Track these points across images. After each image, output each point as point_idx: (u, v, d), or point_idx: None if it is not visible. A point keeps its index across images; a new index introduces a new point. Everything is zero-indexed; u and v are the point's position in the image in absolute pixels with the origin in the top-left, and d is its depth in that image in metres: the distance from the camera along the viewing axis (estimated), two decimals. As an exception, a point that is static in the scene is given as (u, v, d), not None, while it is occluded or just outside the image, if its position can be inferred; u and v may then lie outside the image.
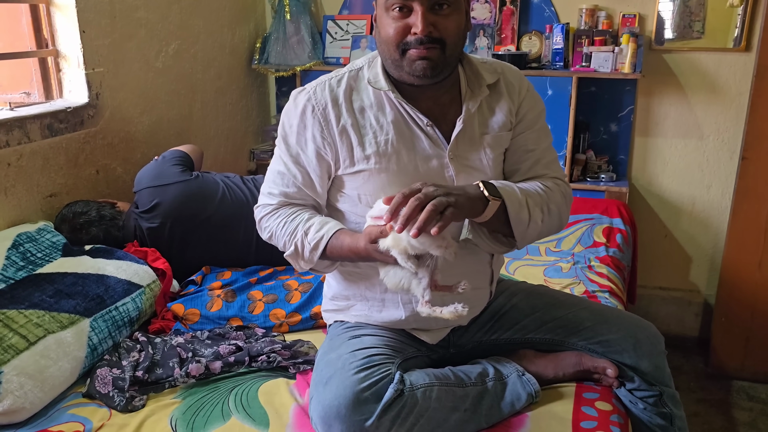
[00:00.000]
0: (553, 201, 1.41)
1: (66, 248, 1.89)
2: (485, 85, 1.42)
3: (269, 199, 1.45)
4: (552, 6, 2.87)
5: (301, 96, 1.40)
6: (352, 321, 1.52)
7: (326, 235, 1.35)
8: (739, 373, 2.77)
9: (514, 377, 1.44)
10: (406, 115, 1.38)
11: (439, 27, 1.29)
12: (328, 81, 1.41)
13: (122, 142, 2.39)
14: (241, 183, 2.15)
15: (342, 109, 1.38)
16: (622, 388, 1.48)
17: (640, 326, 1.51)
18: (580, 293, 2.01)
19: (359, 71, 1.42)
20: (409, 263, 1.22)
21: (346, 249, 1.33)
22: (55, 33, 2.20)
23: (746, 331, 2.73)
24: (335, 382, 1.28)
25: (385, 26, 1.32)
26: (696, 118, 2.86)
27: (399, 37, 1.30)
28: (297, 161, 1.41)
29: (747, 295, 2.70)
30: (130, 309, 1.80)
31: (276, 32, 3.08)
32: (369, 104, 1.38)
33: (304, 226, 1.38)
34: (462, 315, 1.24)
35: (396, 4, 1.29)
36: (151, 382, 1.59)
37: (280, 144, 1.44)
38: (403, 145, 1.37)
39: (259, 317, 1.87)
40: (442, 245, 1.19)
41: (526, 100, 1.47)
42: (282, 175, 1.42)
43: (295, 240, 1.38)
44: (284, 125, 1.43)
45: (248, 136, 3.22)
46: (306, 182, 1.41)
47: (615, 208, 2.64)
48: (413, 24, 1.28)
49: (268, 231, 1.45)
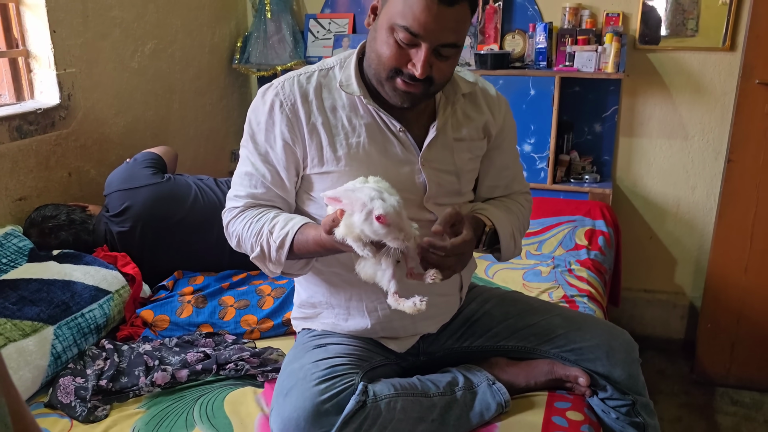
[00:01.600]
0: (527, 220, 1.52)
1: (32, 253, 1.85)
2: (460, 93, 1.40)
3: (236, 201, 1.38)
4: (535, 5, 2.84)
5: (269, 92, 1.35)
6: (319, 329, 1.49)
7: (291, 231, 1.26)
8: (725, 380, 2.72)
9: (484, 386, 1.41)
10: (378, 119, 1.34)
11: (435, 69, 1.24)
12: (297, 77, 1.36)
13: (96, 143, 2.35)
14: (215, 185, 2.11)
15: (312, 106, 1.33)
16: (595, 397, 1.45)
17: (613, 333, 1.48)
18: (559, 297, 1.99)
19: (330, 71, 1.38)
20: (366, 250, 1.11)
21: (312, 242, 1.24)
22: (26, 33, 2.16)
23: (732, 337, 2.69)
24: (295, 394, 1.24)
25: (383, 44, 1.24)
26: (681, 119, 2.83)
27: (394, 65, 1.24)
28: (266, 160, 1.35)
29: (733, 300, 2.66)
30: (97, 316, 1.76)
31: (257, 31, 3.04)
32: (341, 105, 1.34)
33: (269, 225, 1.30)
34: (421, 310, 1.13)
35: (403, 36, 1.20)
36: (115, 391, 1.56)
37: (247, 144, 1.38)
38: (375, 149, 1.34)
39: (230, 323, 1.83)
40: (398, 237, 1.09)
41: (507, 119, 1.49)
42: (250, 176, 1.36)
43: (261, 241, 1.30)
44: (251, 123, 1.37)
45: (229, 137, 3.18)
46: (275, 181, 1.35)
47: (598, 210, 2.61)
48: (413, 58, 1.22)
49: (235, 236, 1.37)
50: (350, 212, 1.10)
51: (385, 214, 1.07)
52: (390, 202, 1.09)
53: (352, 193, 1.11)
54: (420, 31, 1.18)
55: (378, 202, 1.08)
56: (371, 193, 1.09)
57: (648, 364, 2.84)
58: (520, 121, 2.62)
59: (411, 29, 1.19)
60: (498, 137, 1.47)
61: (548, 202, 2.70)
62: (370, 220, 1.08)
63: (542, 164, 2.78)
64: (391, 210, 1.08)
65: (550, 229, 2.49)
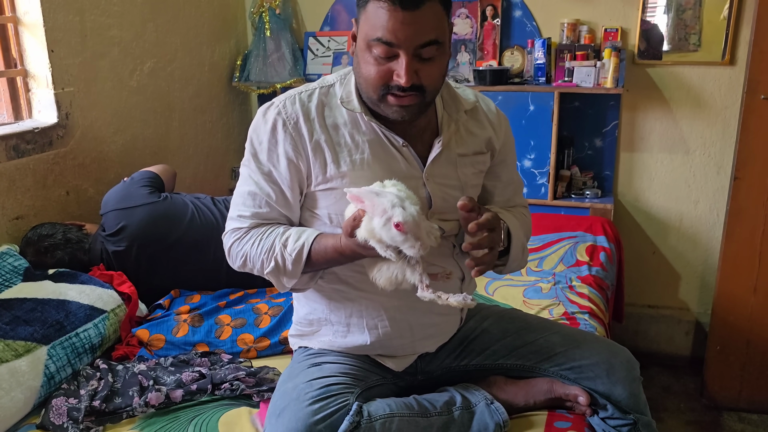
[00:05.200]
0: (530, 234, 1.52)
1: (28, 273, 1.83)
2: (462, 110, 1.39)
3: (240, 222, 1.36)
4: (534, 21, 2.84)
5: (271, 111, 1.34)
6: (316, 347, 1.46)
7: (307, 242, 1.27)
8: (735, 403, 2.64)
9: (483, 406, 1.38)
10: (381, 134, 1.33)
11: (421, 74, 1.22)
12: (298, 95, 1.35)
13: (94, 162, 2.34)
14: (212, 204, 2.10)
15: (315, 124, 1.32)
16: (596, 416, 1.42)
17: (613, 351, 1.45)
18: (560, 314, 1.96)
19: (330, 88, 1.37)
20: (388, 251, 1.15)
21: (331, 250, 1.25)
22: (24, 52, 2.16)
23: (742, 359, 2.61)
24: (288, 414, 1.22)
25: (365, 64, 1.24)
26: (681, 133, 2.81)
27: (381, 81, 1.23)
28: (270, 179, 1.34)
29: (742, 321, 2.59)
30: (92, 335, 1.74)
31: (257, 49, 3.05)
32: (343, 122, 1.33)
33: (281, 239, 1.29)
34: (471, 306, 1.19)
35: (380, 50, 1.20)
36: (108, 412, 1.53)
37: (249, 163, 1.37)
38: (379, 165, 1.32)
39: (226, 342, 1.81)
40: (414, 246, 1.12)
41: (508, 135, 1.50)
42: (253, 196, 1.35)
43: (274, 255, 1.29)
44: (253, 142, 1.36)
45: (229, 155, 3.18)
46: (280, 200, 1.34)
47: (599, 226, 2.59)
48: (396, 71, 1.21)
49: (241, 256, 1.35)
50: (370, 215, 1.14)
51: (403, 222, 1.10)
52: (410, 210, 1.12)
53: (375, 197, 1.13)
54: (392, 39, 1.18)
55: (398, 209, 1.11)
56: (393, 200, 1.12)
57: (653, 380, 2.80)
58: (520, 137, 2.62)
59: (384, 39, 1.19)
60: (501, 152, 1.47)
61: (549, 218, 2.68)
62: (389, 226, 1.11)
63: (543, 180, 2.76)
64: (410, 219, 1.11)
65: (551, 245, 2.47)
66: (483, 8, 2.85)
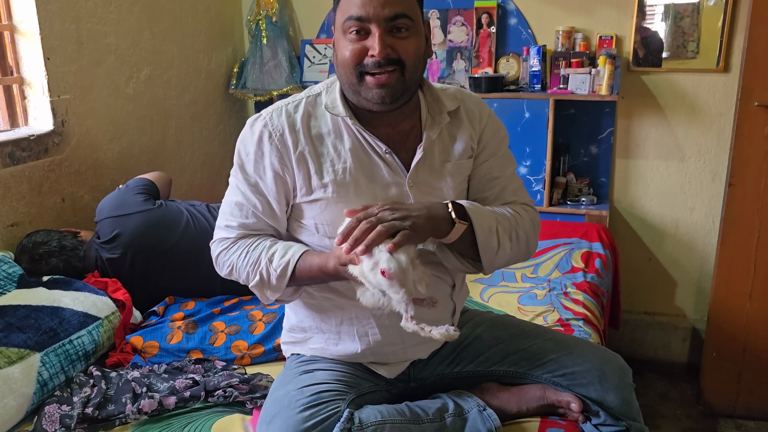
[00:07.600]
0: (522, 227, 1.39)
1: (22, 279, 1.83)
2: (446, 112, 1.39)
3: (227, 232, 1.38)
4: (529, 28, 2.85)
5: (258, 123, 1.36)
6: (308, 354, 1.47)
7: (292, 259, 1.29)
8: (732, 410, 2.64)
9: (475, 412, 1.38)
10: (364, 142, 1.34)
11: (397, 48, 1.26)
12: (285, 106, 1.37)
13: (90, 169, 2.35)
14: (207, 211, 2.10)
15: (300, 135, 1.33)
16: (588, 423, 1.42)
17: (606, 358, 1.45)
18: (554, 321, 1.96)
19: (317, 97, 1.38)
20: (376, 290, 1.17)
21: (316, 269, 1.27)
22: (20, 60, 2.17)
23: (738, 366, 2.61)
24: (278, 422, 1.22)
25: (342, 49, 1.28)
26: (677, 140, 2.82)
27: (356, 60, 1.26)
28: (256, 190, 1.36)
29: (738, 328, 2.58)
30: (86, 342, 1.74)
31: (253, 57, 3.06)
32: (327, 131, 1.35)
33: (267, 254, 1.32)
34: (454, 337, 1.18)
35: (353, 27, 1.25)
36: (101, 419, 1.53)
37: (236, 173, 1.39)
38: (362, 173, 1.33)
39: (220, 349, 1.81)
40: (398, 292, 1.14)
41: (488, 127, 1.44)
42: (240, 206, 1.37)
43: (260, 269, 1.31)
44: (240, 153, 1.38)
45: (226, 162, 3.18)
46: (266, 211, 1.36)
47: (595, 232, 2.59)
48: (371, 46, 1.25)
49: (228, 266, 1.37)
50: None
51: (388, 270, 1.12)
52: (399, 257, 1.13)
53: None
54: (362, 13, 1.23)
55: (385, 256, 1.13)
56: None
57: (650, 387, 2.79)
58: (516, 144, 2.62)
59: (355, 15, 1.24)
60: (479, 145, 1.43)
61: (544, 225, 2.66)
62: (375, 271, 1.13)
63: (538, 186, 2.76)
64: (396, 268, 1.13)
65: (546, 251, 2.47)
66: (479, 16, 2.86)
